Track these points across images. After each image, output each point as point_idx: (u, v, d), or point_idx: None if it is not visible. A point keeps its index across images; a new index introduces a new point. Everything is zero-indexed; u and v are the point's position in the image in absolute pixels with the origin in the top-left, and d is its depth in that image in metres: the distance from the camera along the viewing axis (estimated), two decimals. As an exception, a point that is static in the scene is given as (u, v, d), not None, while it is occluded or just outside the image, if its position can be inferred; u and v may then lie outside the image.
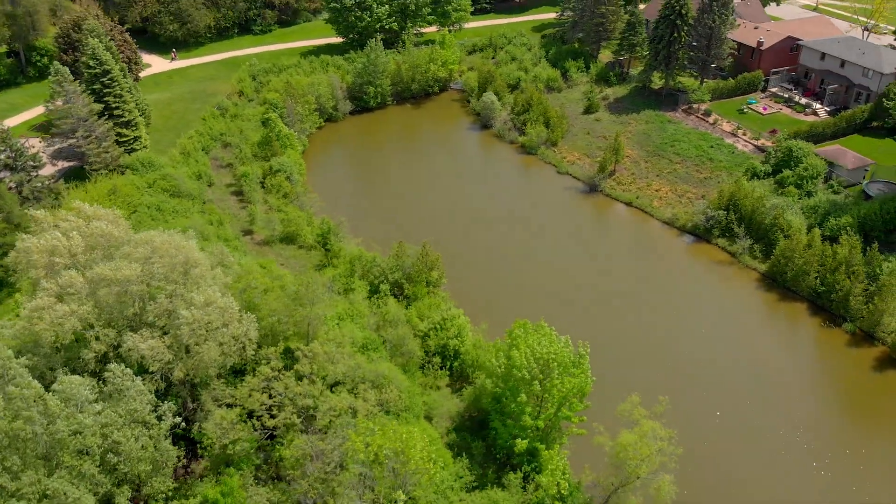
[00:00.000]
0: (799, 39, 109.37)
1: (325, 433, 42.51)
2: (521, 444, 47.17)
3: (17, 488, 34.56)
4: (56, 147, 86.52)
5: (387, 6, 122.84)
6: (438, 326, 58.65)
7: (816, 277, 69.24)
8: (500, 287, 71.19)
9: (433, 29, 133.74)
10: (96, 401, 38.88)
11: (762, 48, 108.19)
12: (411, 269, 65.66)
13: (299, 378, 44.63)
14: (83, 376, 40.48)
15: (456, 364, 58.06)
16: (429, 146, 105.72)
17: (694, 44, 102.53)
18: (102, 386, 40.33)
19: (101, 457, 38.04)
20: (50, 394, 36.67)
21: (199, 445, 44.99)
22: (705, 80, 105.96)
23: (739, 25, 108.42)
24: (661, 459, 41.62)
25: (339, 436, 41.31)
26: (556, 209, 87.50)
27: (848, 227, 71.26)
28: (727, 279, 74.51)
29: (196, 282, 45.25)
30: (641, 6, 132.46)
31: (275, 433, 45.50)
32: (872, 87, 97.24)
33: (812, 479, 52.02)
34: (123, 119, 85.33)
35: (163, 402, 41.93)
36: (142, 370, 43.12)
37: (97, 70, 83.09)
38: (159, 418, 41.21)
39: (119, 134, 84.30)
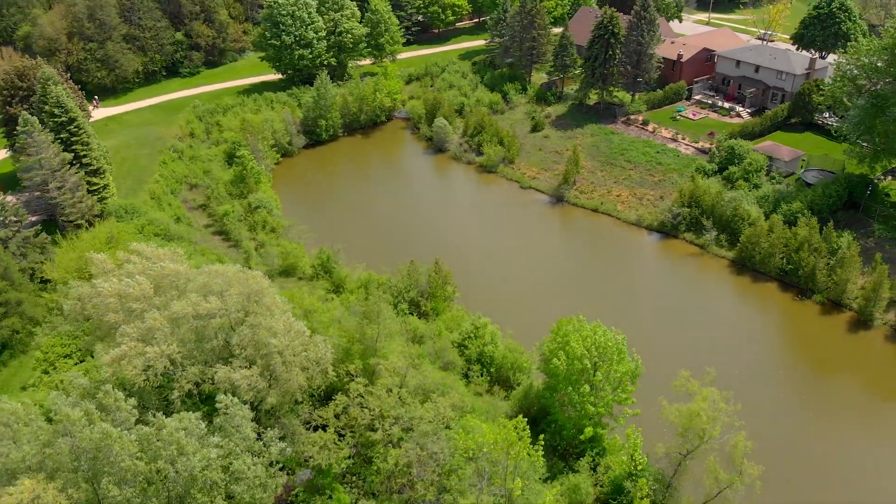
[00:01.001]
0: (713, 51, 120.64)
1: (423, 440, 44.22)
2: (588, 432, 50.63)
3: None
4: (23, 200, 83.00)
5: (325, 42, 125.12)
6: (472, 335, 61.38)
7: (782, 258, 77.08)
8: (505, 295, 74.66)
9: (368, 62, 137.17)
10: (206, 434, 39.15)
11: (682, 60, 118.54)
12: (428, 285, 68.06)
13: (388, 391, 46.18)
14: (175, 414, 40.60)
15: (493, 369, 60.82)
16: (392, 172, 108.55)
17: (625, 60, 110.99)
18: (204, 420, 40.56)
19: (224, 489, 38.36)
20: (180, 432, 36.77)
21: (286, 469, 45.53)
22: (636, 93, 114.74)
23: (664, 41, 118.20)
24: (725, 420, 46.06)
25: (442, 438, 43.27)
26: (530, 219, 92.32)
27: (803, 211, 79.88)
28: (701, 267, 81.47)
29: (270, 309, 46.12)
30: (556, 29, 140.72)
31: (359, 450, 46.74)
32: (787, 88, 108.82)
33: (805, 422, 58.45)
34: (92, 167, 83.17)
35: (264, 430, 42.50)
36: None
37: (63, 118, 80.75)
38: (265, 445, 41.75)
39: (89, 182, 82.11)
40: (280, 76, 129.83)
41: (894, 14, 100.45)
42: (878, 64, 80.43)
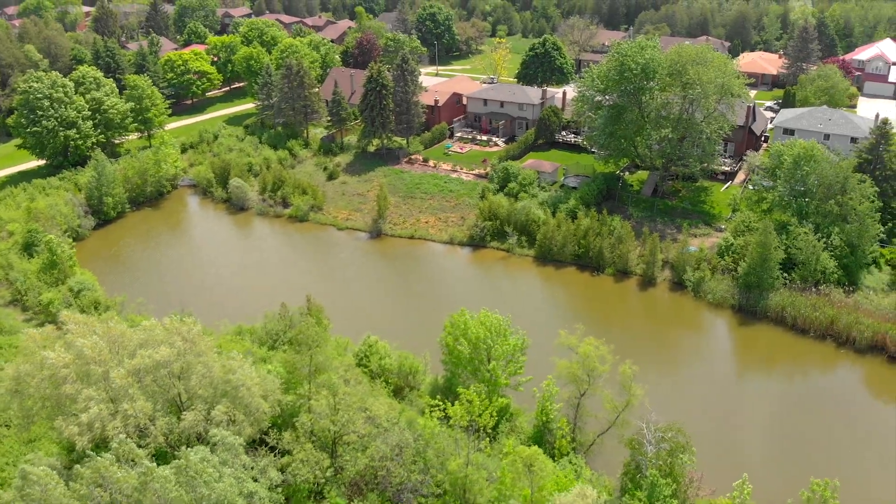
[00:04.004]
0: (460, 94, 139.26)
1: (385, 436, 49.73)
2: (502, 401, 59.56)
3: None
4: None
5: (90, 121, 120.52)
6: (367, 353, 67.09)
7: (574, 245, 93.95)
8: (363, 320, 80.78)
9: (135, 136, 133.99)
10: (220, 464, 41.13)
11: (439, 105, 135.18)
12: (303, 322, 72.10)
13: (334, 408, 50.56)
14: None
15: (394, 378, 66.92)
16: (200, 236, 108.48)
17: (397, 109, 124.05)
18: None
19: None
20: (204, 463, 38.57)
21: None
22: (409, 136, 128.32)
23: (428, 88, 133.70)
24: (610, 358, 58.00)
25: (404, 431, 49.31)
26: (359, 253, 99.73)
27: (578, 207, 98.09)
28: (512, 266, 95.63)
29: (206, 354, 48.23)
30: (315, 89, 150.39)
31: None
32: (528, 116, 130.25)
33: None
34: None
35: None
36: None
37: None
38: (262, 471, 44.26)
39: None
40: (41, 162, 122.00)
41: (606, 45, 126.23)
42: (607, 83, 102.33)
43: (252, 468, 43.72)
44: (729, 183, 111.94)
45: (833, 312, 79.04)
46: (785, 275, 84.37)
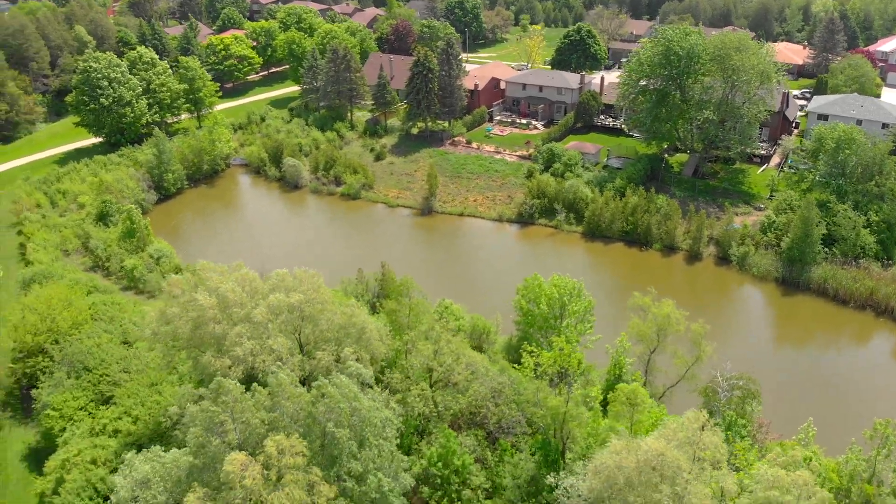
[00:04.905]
0: (499, 79, 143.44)
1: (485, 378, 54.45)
2: (579, 355, 64.12)
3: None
4: None
5: (144, 100, 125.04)
6: (443, 315, 71.72)
7: (622, 222, 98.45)
8: (432, 288, 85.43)
9: (186, 116, 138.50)
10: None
11: (479, 89, 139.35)
12: (378, 287, 76.77)
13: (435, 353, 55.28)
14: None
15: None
16: (254, 213, 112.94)
17: (440, 92, 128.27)
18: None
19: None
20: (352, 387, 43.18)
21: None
22: (451, 119, 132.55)
23: (469, 73, 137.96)
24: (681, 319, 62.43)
25: (502, 375, 54.00)
26: (410, 231, 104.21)
27: (626, 186, 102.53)
28: (561, 241, 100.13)
29: (329, 301, 52.99)
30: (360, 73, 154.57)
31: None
32: (567, 101, 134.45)
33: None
34: (-23, 242, 78.11)
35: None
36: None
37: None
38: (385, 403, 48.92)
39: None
40: (97, 140, 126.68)
41: (657, 28, 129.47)
42: (652, 68, 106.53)
43: (375, 401, 48.35)
44: (765, 165, 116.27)
45: (872, 284, 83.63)
46: (826, 249, 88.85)
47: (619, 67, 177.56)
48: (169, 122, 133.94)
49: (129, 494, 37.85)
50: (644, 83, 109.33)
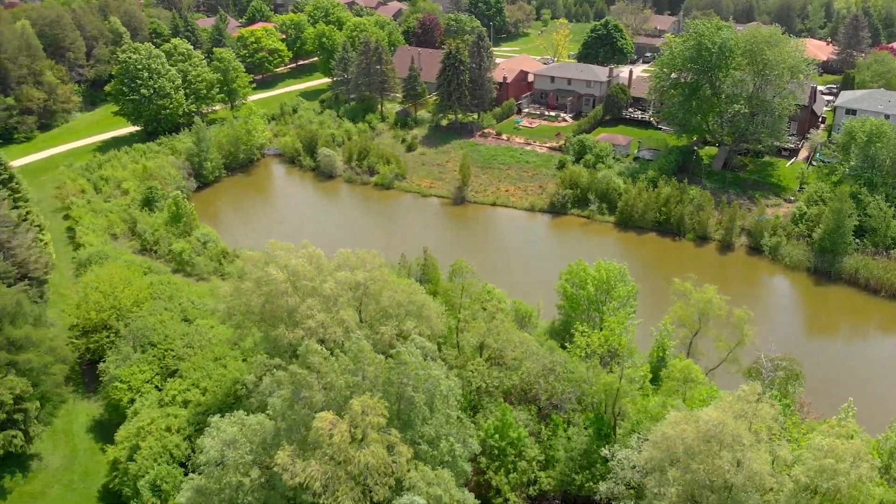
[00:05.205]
0: (527, 72, 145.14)
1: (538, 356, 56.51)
2: (624, 340, 65.95)
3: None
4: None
5: (182, 91, 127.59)
6: (486, 297, 73.76)
7: (655, 212, 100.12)
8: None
9: (219, 107, 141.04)
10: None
11: (508, 82, 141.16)
12: (420, 272, 78.85)
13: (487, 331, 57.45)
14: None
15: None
16: (291, 201, 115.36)
17: (471, 84, 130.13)
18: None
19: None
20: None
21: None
22: (480, 111, 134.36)
23: (498, 65, 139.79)
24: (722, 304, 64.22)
25: (554, 354, 56.02)
26: (444, 220, 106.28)
27: (659, 177, 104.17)
28: (593, 231, 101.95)
29: (388, 280, 55.15)
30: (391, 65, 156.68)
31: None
32: (596, 94, 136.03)
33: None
34: (35, 223, 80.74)
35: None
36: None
37: (4, 175, 77.93)
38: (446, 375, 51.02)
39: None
40: (134, 129, 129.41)
41: (687, 22, 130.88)
42: (683, 61, 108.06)
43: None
44: (794, 159, 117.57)
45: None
46: (857, 240, 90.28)
47: (643, 62, 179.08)
48: (204, 112, 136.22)
49: (217, 454, 40.08)
50: (675, 76, 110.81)
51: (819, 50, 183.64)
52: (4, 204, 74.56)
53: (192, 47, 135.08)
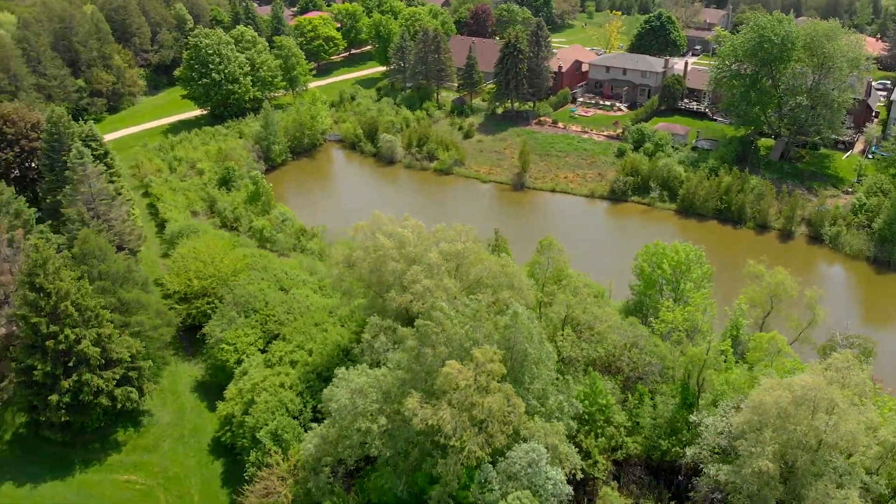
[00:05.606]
0: (581, 62, 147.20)
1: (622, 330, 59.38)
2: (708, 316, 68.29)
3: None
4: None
5: (249, 77, 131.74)
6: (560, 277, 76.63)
7: (716, 201, 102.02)
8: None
9: (281, 93, 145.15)
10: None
11: (563, 71, 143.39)
12: (492, 251, 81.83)
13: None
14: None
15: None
16: (358, 184, 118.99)
17: (527, 73, 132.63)
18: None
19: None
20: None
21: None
22: (536, 100, 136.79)
23: (555, 55, 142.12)
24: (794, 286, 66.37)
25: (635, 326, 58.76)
26: (504, 205, 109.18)
27: (720, 166, 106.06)
28: (654, 218, 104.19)
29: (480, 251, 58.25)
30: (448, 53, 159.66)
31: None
32: (652, 84, 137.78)
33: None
34: (126, 198, 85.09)
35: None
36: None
37: (100, 151, 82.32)
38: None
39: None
40: (199, 113, 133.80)
41: (748, 15, 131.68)
42: (745, 53, 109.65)
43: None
44: (850, 151, 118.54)
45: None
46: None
47: (692, 55, 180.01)
48: (267, 98, 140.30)
49: (348, 401, 43.53)
50: (736, 67, 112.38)
51: (869, 46, 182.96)
52: (102, 178, 78.91)
53: (256, 35, 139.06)
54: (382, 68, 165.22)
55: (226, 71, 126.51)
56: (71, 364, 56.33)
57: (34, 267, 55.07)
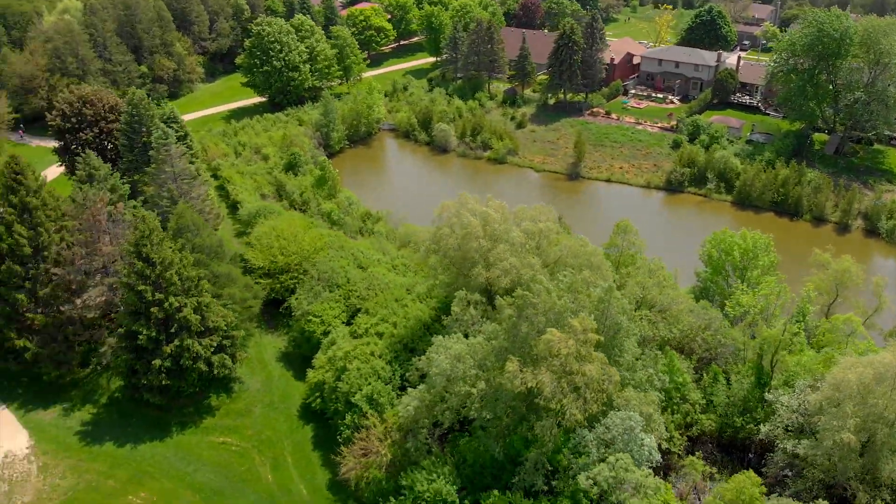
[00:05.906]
0: (633, 54, 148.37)
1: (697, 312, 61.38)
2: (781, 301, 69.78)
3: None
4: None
5: (308, 66, 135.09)
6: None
7: (772, 193, 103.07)
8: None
9: (336, 83, 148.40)
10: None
11: (615, 63, 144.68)
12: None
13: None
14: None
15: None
16: (414, 172, 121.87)
17: (581, 64, 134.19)
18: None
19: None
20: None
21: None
22: (589, 91, 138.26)
23: (608, 46, 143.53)
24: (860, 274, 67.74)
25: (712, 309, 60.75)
26: (560, 194, 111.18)
27: (776, 158, 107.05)
28: (711, 209, 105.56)
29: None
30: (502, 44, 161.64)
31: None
32: (704, 77, 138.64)
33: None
34: (203, 178, 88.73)
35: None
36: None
37: (181, 132, 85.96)
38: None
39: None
40: (258, 100, 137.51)
41: (805, 10, 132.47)
42: (802, 48, 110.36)
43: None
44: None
45: None
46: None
47: (740, 49, 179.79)
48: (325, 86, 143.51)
49: (448, 366, 46.23)
50: (792, 62, 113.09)
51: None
52: (184, 158, 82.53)
53: (314, 24, 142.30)
54: (432, 59, 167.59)
55: (286, 59, 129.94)
56: (172, 330, 59.84)
57: (141, 237, 58.56)
